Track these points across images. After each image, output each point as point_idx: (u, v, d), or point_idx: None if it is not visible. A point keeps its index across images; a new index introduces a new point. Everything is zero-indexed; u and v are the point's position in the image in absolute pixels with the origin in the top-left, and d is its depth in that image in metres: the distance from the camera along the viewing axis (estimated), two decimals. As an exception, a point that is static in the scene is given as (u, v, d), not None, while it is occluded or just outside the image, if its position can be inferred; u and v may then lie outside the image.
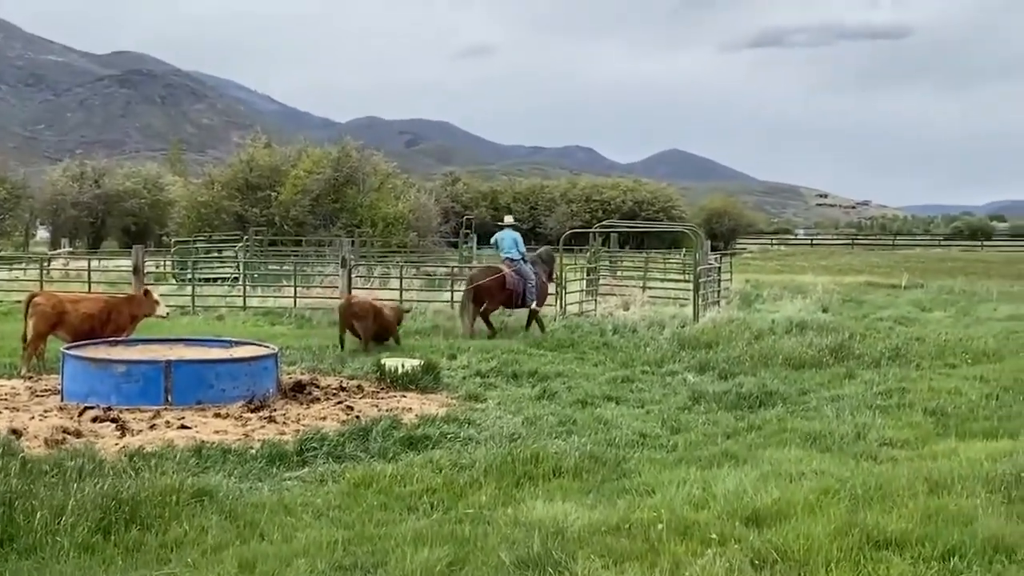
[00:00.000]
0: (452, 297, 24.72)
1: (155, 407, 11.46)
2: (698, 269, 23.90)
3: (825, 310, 25.31)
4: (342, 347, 17.29)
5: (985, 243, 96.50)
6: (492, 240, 22.33)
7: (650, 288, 29.65)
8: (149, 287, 19.03)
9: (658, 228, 57.64)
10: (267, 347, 13.38)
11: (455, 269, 31.52)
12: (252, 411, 11.57)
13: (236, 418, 11.24)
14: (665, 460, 9.65)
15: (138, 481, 8.13)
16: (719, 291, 27.24)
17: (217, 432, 10.59)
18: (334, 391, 13.04)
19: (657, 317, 22.56)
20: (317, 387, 13.21)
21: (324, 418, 11.36)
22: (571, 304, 24.24)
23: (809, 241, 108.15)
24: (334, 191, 46.47)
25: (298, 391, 12.79)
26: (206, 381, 11.90)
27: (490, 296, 20.38)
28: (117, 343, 13.83)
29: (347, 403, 12.17)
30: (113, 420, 10.88)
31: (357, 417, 11.27)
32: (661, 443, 10.50)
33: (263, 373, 12.42)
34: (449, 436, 10.48)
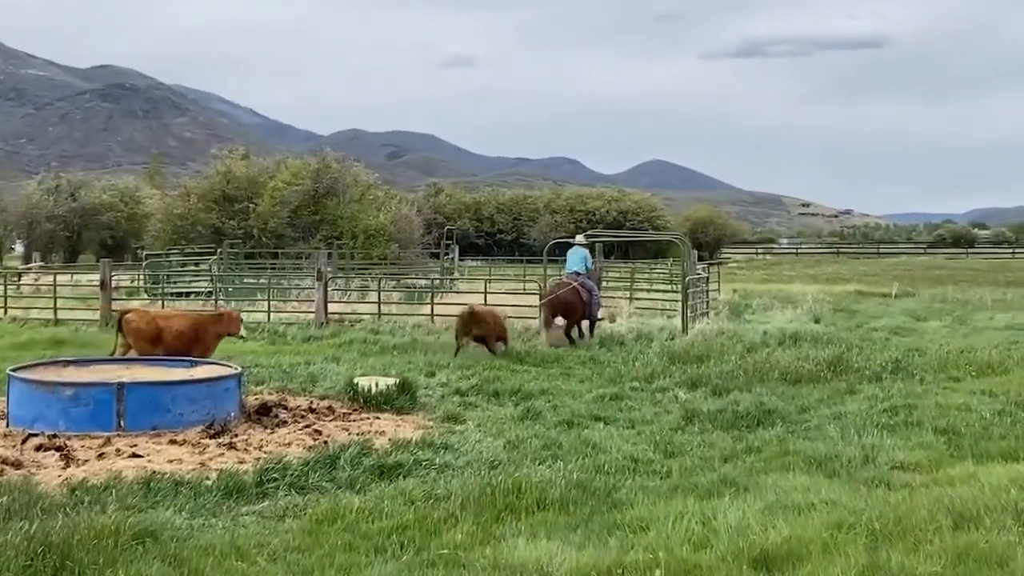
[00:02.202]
0: (432, 311, 23.85)
1: (106, 433, 10.59)
2: (686, 279, 23.13)
3: (817, 320, 24.60)
4: (456, 353, 17.80)
5: (970, 250, 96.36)
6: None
7: (637, 299, 28.89)
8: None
9: (644, 237, 56.86)
10: (230, 367, 12.49)
11: (435, 282, 30.65)
12: (211, 437, 10.70)
13: (193, 445, 10.37)
14: (659, 489, 8.82)
15: (73, 520, 7.30)
16: (707, 301, 26.46)
17: (171, 461, 9.72)
18: (303, 413, 12.16)
19: (645, 329, 21.81)
20: (285, 409, 12.35)
21: (289, 444, 10.50)
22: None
23: (794, 250, 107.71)
24: (314, 203, 45.59)
25: (264, 414, 11.92)
26: (162, 405, 11.02)
27: (572, 310, 20.81)
28: (69, 363, 12.93)
29: (315, 427, 11.30)
30: (58, 448, 10.00)
31: (325, 443, 10.44)
32: (654, 469, 9.67)
33: (224, 395, 11.53)
34: (424, 463, 9.65)
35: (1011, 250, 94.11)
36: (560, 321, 20.61)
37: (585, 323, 21.58)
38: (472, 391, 14.05)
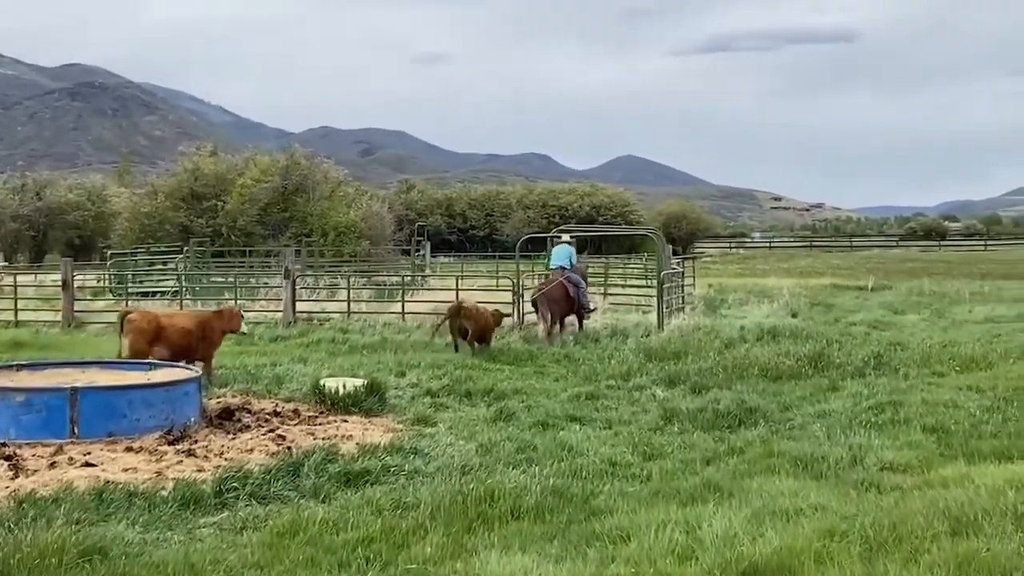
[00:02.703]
0: (403, 309, 23.37)
1: (59, 441, 10.07)
2: (662, 274, 22.75)
3: (794, 315, 24.26)
4: (456, 349, 17.92)
5: (942, 243, 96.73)
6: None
7: (611, 295, 28.51)
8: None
9: (617, 232, 56.48)
10: (190, 369, 11.98)
11: (406, 279, 30.15)
12: (170, 443, 10.21)
13: (150, 452, 9.87)
14: (640, 494, 8.40)
15: (16, 538, 6.83)
16: (683, 296, 26.09)
17: (126, 470, 9.23)
18: (267, 417, 11.68)
19: (620, 325, 21.41)
20: (249, 412, 11.87)
21: (251, 450, 10.03)
22: (529, 313, 22.90)
23: (768, 244, 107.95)
24: (283, 200, 44.91)
25: (226, 418, 11.44)
26: (118, 410, 10.50)
27: (558, 304, 20.78)
28: (22, 367, 12.39)
29: (279, 431, 10.82)
30: (7, 458, 9.51)
31: (289, 448, 9.96)
32: (633, 472, 9.24)
33: (184, 399, 11.02)
34: (392, 469, 9.20)
35: (983, 242, 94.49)
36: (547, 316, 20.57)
37: (570, 317, 21.49)
38: (443, 391, 13.61)
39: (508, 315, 21.05)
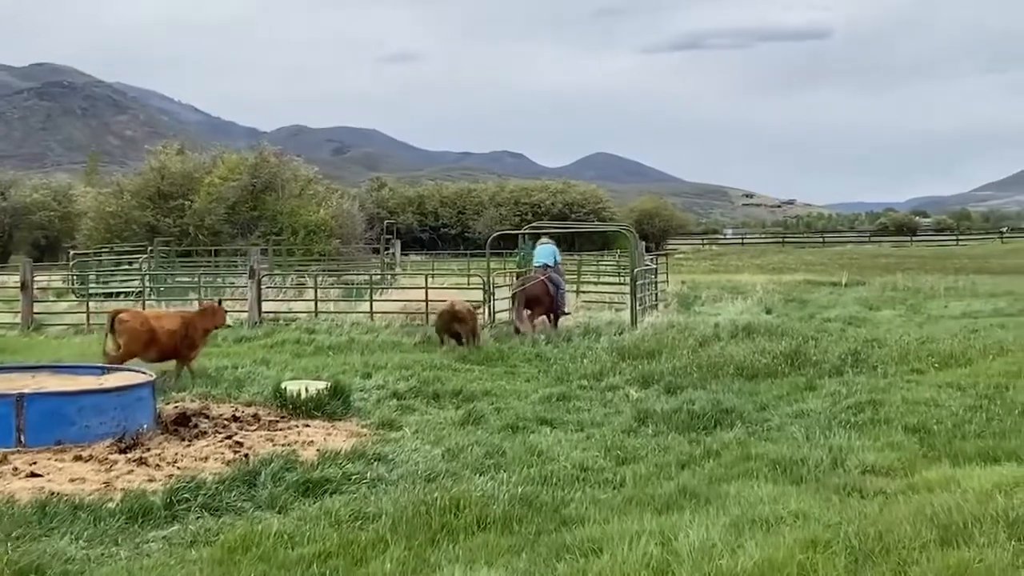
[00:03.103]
0: (371, 308, 22.90)
1: (4, 450, 9.58)
2: (635, 271, 22.40)
3: (769, 311, 23.98)
4: (442, 343, 18.04)
5: (914, 238, 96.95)
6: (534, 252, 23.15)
7: (584, 292, 28.14)
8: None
9: (590, 228, 56.07)
10: (144, 374, 11.48)
11: (373, 278, 29.65)
12: (121, 452, 9.73)
13: (100, 461, 9.40)
14: (612, 502, 8.01)
15: (-54, 558, 6.38)
16: (656, 294, 25.75)
17: (74, 480, 8.77)
18: (225, 422, 11.21)
19: (593, 323, 21.05)
20: (206, 418, 11.40)
21: (206, 458, 9.58)
22: (500, 312, 22.50)
23: (740, 240, 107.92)
24: (252, 198, 44.26)
25: (182, 424, 10.96)
26: (67, 417, 9.99)
27: (538, 303, 20.96)
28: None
29: (237, 438, 10.37)
30: (-53, 469, 9.02)
31: (245, 456, 9.51)
32: (606, 478, 8.85)
33: (137, 405, 10.52)
34: (354, 477, 8.79)
35: (955, 238, 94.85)
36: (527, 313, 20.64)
37: (542, 317, 21.33)
38: (410, 393, 13.17)
39: (477, 308, 20.90)
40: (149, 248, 35.05)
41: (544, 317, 21.29)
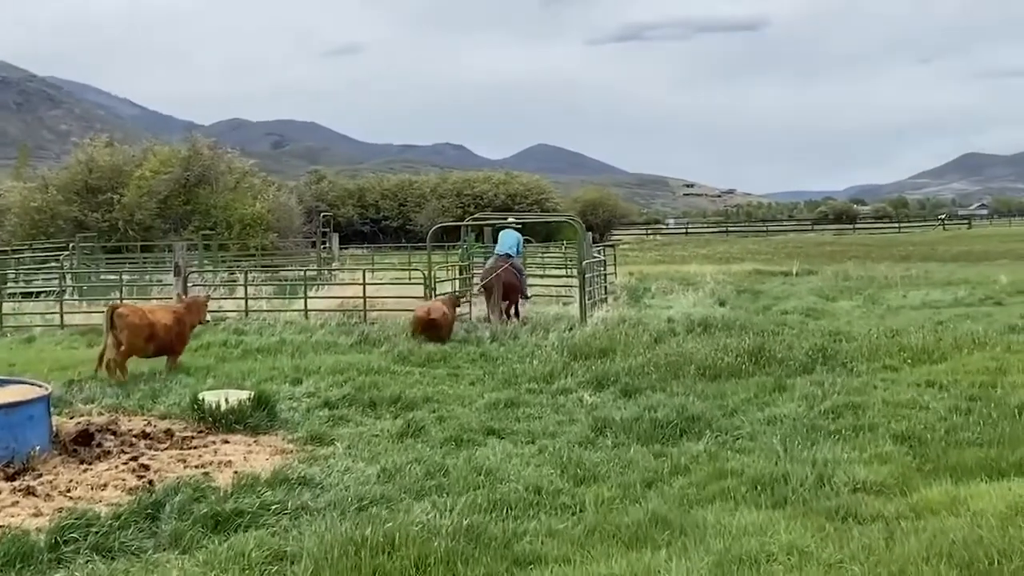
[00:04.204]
0: (306, 306, 21.63)
1: None
2: (583, 263, 21.34)
3: (722, 303, 23.06)
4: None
5: (856, 226, 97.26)
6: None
7: (530, 285, 27.01)
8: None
9: (535, 218, 54.94)
10: (39, 387, 10.14)
11: (307, 273, 28.35)
12: (7, 479, 8.46)
13: (-21, 492, 8.15)
14: (572, 533, 6.91)
15: None
16: (605, 286, 24.72)
17: (-56, 517, 7.52)
18: (133, 439, 9.95)
19: (540, 319, 19.95)
20: (113, 434, 10.12)
21: (105, 485, 8.33)
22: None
23: (684, 230, 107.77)
24: (185, 192, 42.76)
25: (84, 443, 9.68)
26: (-56, 439, 8.73)
27: (514, 289, 21.05)
28: None
29: (143, 459, 9.11)
30: None
31: (150, 483, 8.29)
32: (563, 502, 7.72)
33: (28, 424, 9.17)
34: (273, 507, 7.58)
35: (896, 226, 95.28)
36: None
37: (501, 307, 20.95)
38: (344, 401, 11.93)
39: (462, 296, 21.37)
40: (71, 244, 33.38)
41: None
